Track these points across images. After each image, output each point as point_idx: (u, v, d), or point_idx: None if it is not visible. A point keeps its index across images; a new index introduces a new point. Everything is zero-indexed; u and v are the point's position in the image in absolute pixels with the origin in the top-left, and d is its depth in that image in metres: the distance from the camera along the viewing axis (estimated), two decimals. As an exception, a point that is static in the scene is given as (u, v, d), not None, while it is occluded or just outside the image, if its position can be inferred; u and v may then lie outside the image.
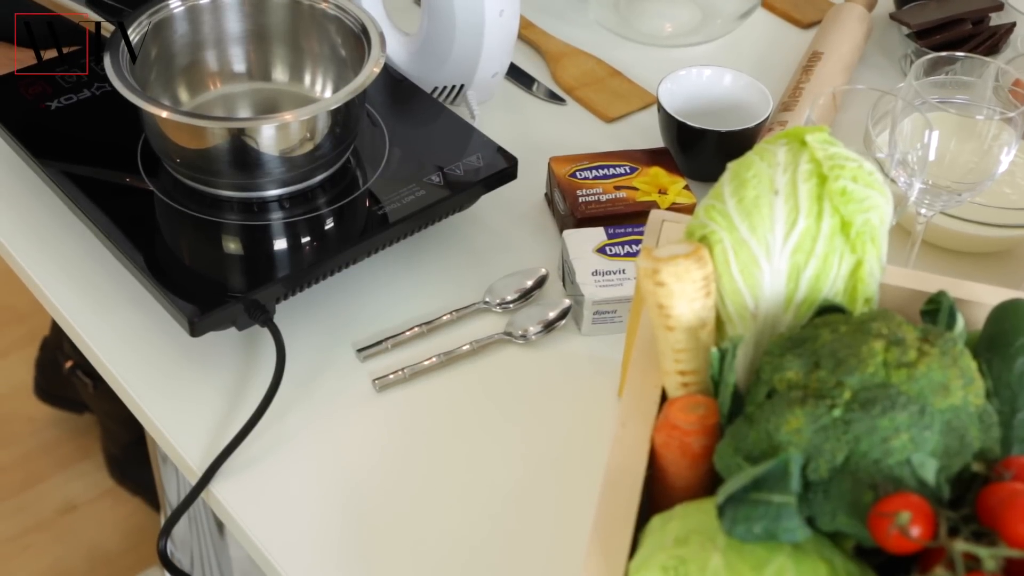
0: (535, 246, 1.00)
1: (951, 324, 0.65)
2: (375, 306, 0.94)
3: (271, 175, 0.91)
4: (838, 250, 0.64)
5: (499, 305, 0.94)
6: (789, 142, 0.66)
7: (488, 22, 1.05)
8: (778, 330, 0.65)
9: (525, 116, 1.15)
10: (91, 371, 1.60)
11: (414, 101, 1.05)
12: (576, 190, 0.99)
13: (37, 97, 1.01)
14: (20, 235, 0.98)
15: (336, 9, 0.99)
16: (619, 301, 0.91)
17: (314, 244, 0.92)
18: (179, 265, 0.91)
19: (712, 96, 1.09)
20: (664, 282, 0.62)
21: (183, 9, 0.98)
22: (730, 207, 0.65)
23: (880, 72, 1.21)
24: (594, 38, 1.25)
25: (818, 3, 1.31)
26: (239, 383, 0.88)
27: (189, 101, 1.00)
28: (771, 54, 1.24)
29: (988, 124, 0.88)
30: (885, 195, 0.66)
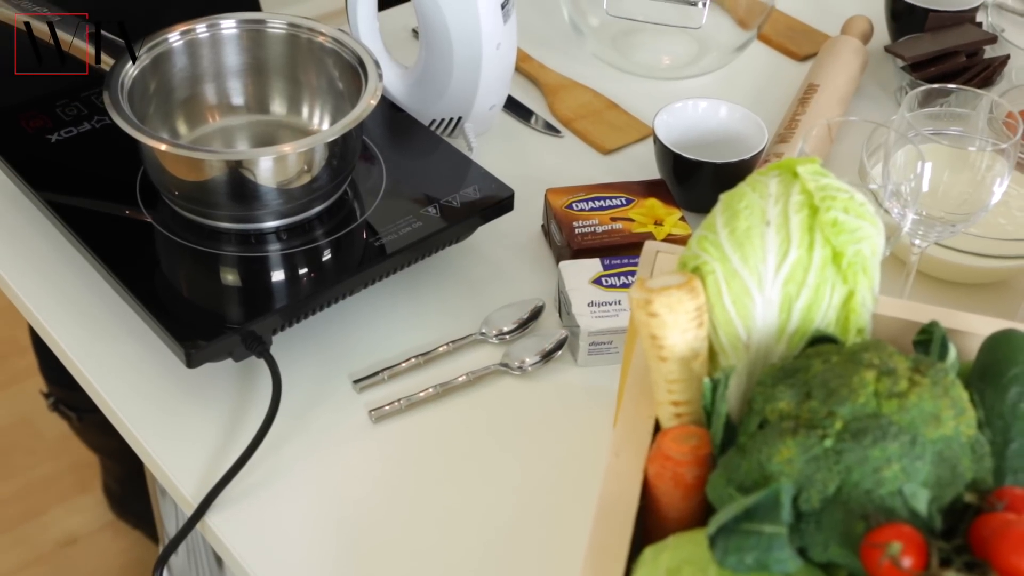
0: (532, 277, 1.00)
1: (943, 354, 0.65)
2: (372, 337, 0.94)
3: (269, 207, 0.92)
4: (830, 281, 0.65)
5: (495, 336, 0.94)
6: (781, 173, 0.67)
7: (485, 55, 1.06)
8: (771, 360, 0.65)
9: (522, 148, 1.16)
10: (74, 404, 1.59)
11: (412, 133, 1.06)
12: (572, 221, 1.00)
13: (38, 130, 1.02)
14: (19, 267, 0.99)
15: (334, 42, 0.99)
16: (615, 332, 0.91)
17: (311, 275, 0.92)
18: (177, 296, 0.91)
19: (708, 128, 1.10)
20: (657, 313, 0.63)
21: (182, 43, 0.99)
22: (722, 238, 0.65)
23: (875, 104, 1.22)
24: (591, 71, 1.26)
25: (814, 36, 1.32)
26: (235, 414, 0.88)
27: (188, 134, 1.01)
28: (767, 86, 1.25)
29: (981, 155, 0.89)
30: (877, 226, 0.66)
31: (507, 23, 1.07)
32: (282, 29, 1.01)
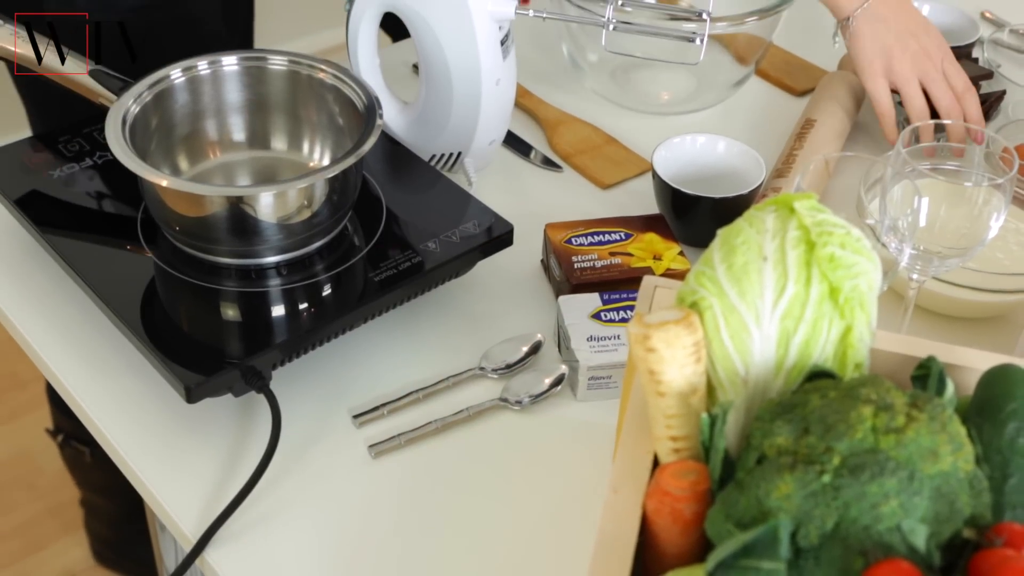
0: (531, 312, 1.01)
1: (941, 389, 0.65)
2: (371, 372, 0.94)
3: (269, 242, 0.92)
4: (827, 316, 0.65)
5: (495, 371, 0.94)
6: (778, 209, 0.67)
7: (485, 91, 1.07)
8: (769, 395, 0.65)
9: (522, 183, 1.16)
10: (86, 439, 1.59)
11: (412, 168, 1.06)
12: (571, 256, 1.00)
13: (40, 166, 1.03)
14: (20, 302, 0.99)
15: (334, 78, 1.00)
16: (614, 367, 0.91)
17: (311, 310, 0.92)
18: (176, 332, 0.91)
19: (706, 163, 1.10)
20: (655, 348, 0.63)
21: (184, 80, 0.99)
22: (720, 273, 0.65)
23: (873, 139, 1.23)
24: (590, 106, 1.26)
25: (811, 71, 1.33)
26: (235, 449, 0.88)
27: (189, 169, 1.02)
28: (765, 121, 1.26)
29: (978, 190, 0.89)
30: (873, 261, 0.66)
31: (506, 59, 1.08)
32: (283, 66, 1.01)
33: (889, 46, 1.13)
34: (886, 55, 1.13)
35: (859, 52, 1.15)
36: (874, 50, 1.13)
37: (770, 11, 1.18)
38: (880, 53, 1.13)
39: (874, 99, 1.16)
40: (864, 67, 1.15)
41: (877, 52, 1.13)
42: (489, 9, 1.03)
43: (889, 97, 1.16)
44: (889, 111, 1.16)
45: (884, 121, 1.16)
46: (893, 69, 1.13)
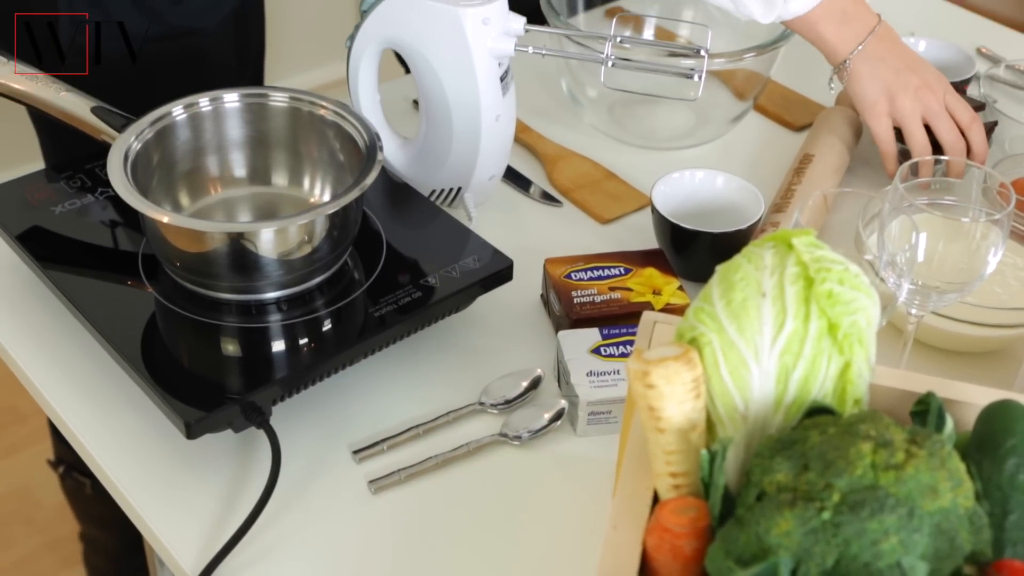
0: (531, 347, 1.01)
1: (940, 425, 0.65)
2: (371, 407, 0.94)
3: (270, 278, 0.92)
4: (826, 352, 0.65)
5: (495, 406, 0.94)
6: (776, 245, 0.68)
7: (485, 127, 1.07)
8: (768, 431, 0.65)
9: (521, 218, 1.17)
10: (87, 471, 1.58)
11: (412, 203, 1.07)
12: (571, 291, 1.00)
13: (42, 202, 1.03)
14: (20, 337, 0.99)
15: (335, 115, 1.01)
16: (613, 402, 0.91)
17: (311, 346, 0.92)
18: (177, 367, 0.92)
19: (705, 198, 1.11)
20: (654, 384, 0.63)
21: (185, 116, 1.00)
22: (719, 309, 0.66)
23: (871, 173, 1.23)
24: (589, 141, 1.27)
25: (809, 106, 1.34)
26: (234, 485, 0.88)
27: (190, 205, 1.02)
28: (763, 156, 1.26)
29: (975, 225, 0.90)
30: (872, 297, 0.67)
31: (506, 95, 1.09)
32: (284, 102, 1.02)
33: (890, 84, 1.13)
34: (888, 93, 1.13)
35: (861, 93, 1.15)
36: (876, 90, 1.14)
37: (768, 47, 1.19)
38: (882, 92, 1.14)
39: (878, 139, 1.16)
40: (867, 108, 1.15)
41: (879, 91, 1.14)
42: (489, 46, 1.04)
43: (892, 136, 1.16)
44: (892, 151, 1.16)
45: (887, 160, 1.16)
46: (896, 106, 1.14)
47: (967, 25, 1.52)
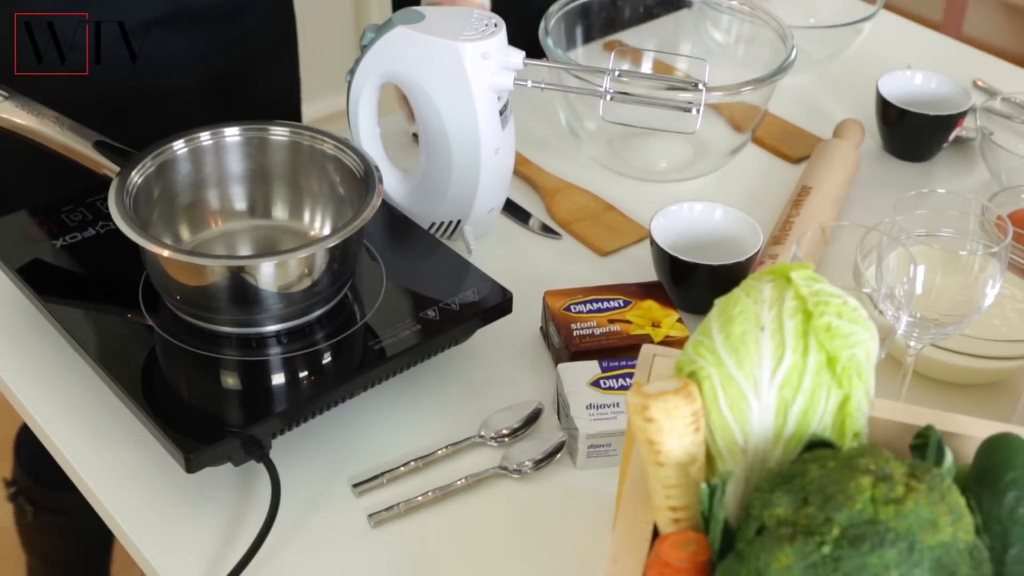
0: (530, 379, 1.01)
1: (939, 459, 0.65)
2: (371, 440, 0.94)
3: (270, 311, 0.93)
4: (825, 385, 0.65)
5: (494, 439, 0.94)
6: (775, 279, 0.68)
7: (484, 160, 1.08)
8: (768, 465, 0.65)
9: (521, 250, 1.17)
10: (38, 500, 1.55)
11: (411, 236, 1.07)
12: (571, 324, 1.01)
13: (43, 236, 1.03)
14: (20, 370, 0.99)
15: (335, 148, 1.01)
16: (613, 435, 0.91)
17: (311, 379, 0.92)
18: (176, 400, 0.92)
19: (704, 230, 1.11)
20: (653, 418, 0.63)
21: (186, 151, 1.00)
22: (717, 343, 0.66)
23: (868, 205, 1.24)
24: (588, 173, 1.28)
25: (807, 139, 1.34)
26: (234, 518, 0.88)
27: (190, 239, 1.02)
28: (761, 188, 1.27)
29: (973, 258, 0.90)
30: (870, 330, 0.67)
31: (505, 128, 1.09)
32: (284, 136, 1.03)
33: None
34: None
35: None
36: None
37: (765, 80, 1.19)
38: None
39: None
40: None
41: None
42: (488, 80, 1.05)
43: None
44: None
45: None
46: None
47: (963, 58, 1.54)
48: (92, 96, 1.11)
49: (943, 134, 1.29)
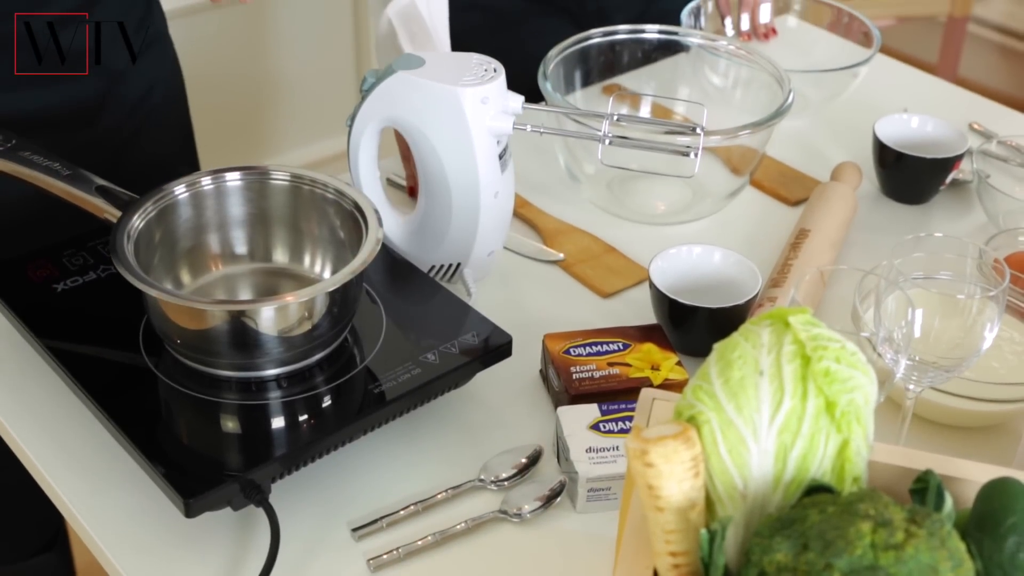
0: (530, 422, 1.01)
1: (939, 504, 0.65)
2: (370, 484, 0.94)
3: (270, 355, 0.93)
4: (824, 430, 0.65)
5: (494, 482, 0.94)
6: (773, 323, 0.68)
7: (484, 203, 1.08)
8: (767, 510, 0.65)
9: (521, 293, 1.17)
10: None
11: (411, 279, 1.07)
12: (570, 367, 1.01)
13: (45, 280, 1.04)
14: (19, 414, 0.99)
15: (335, 193, 1.02)
16: (613, 478, 0.91)
17: (311, 422, 0.92)
18: (176, 444, 0.92)
19: (703, 273, 1.12)
20: (653, 463, 0.63)
21: (187, 195, 1.01)
22: (717, 387, 0.66)
23: (867, 248, 1.24)
24: (588, 216, 1.28)
25: (805, 181, 1.35)
26: (233, 564, 0.87)
27: (191, 283, 1.03)
28: (760, 231, 1.27)
29: (971, 301, 0.90)
30: (869, 375, 0.67)
31: (505, 172, 1.10)
32: (285, 180, 1.03)
33: None
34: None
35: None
36: None
37: (763, 124, 1.20)
38: None
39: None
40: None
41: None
42: (487, 124, 1.06)
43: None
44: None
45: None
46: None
47: (959, 102, 1.55)
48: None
49: (940, 177, 1.30)
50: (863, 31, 1.50)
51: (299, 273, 1.05)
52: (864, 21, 1.50)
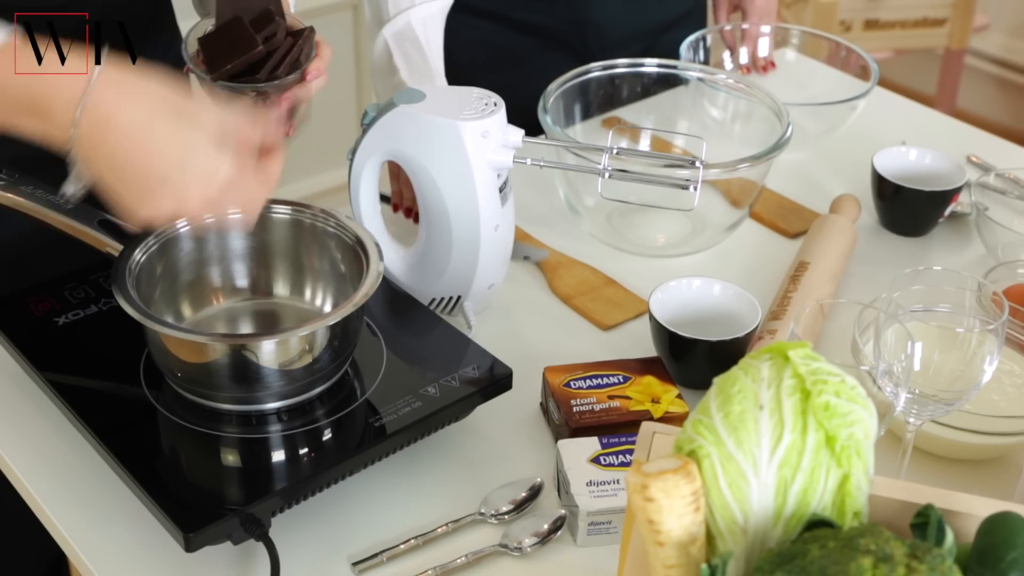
0: (530, 455, 1.01)
1: (940, 538, 0.65)
2: (371, 518, 0.94)
3: (271, 389, 0.93)
4: (824, 464, 0.65)
5: (494, 516, 0.94)
6: (772, 357, 0.68)
7: (484, 237, 1.09)
8: (768, 545, 0.65)
9: (521, 325, 1.18)
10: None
11: (412, 312, 1.08)
12: (570, 400, 1.01)
13: (46, 313, 1.04)
14: (19, 447, 0.99)
15: (336, 226, 1.02)
16: (614, 512, 0.91)
17: (311, 456, 0.92)
18: (176, 478, 0.91)
19: (702, 306, 1.12)
20: (653, 497, 0.63)
21: (189, 229, 1.01)
22: (717, 422, 0.66)
23: (866, 280, 1.24)
24: (588, 248, 1.29)
25: (804, 214, 1.35)
26: (233, 598, 0.87)
27: (192, 316, 1.03)
28: (759, 263, 1.28)
29: (970, 334, 0.90)
30: (869, 409, 0.67)
31: (505, 205, 1.10)
32: (286, 214, 1.04)
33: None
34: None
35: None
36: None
37: (762, 157, 1.21)
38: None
39: None
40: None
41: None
42: (488, 158, 1.06)
43: None
44: None
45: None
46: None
47: (957, 134, 1.55)
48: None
49: (939, 209, 1.30)
50: (861, 64, 1.51)
51: (300, 306, 1.05)
52: (862, 55, 1.51)
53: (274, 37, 0.98)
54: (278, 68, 0.97)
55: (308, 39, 1.00)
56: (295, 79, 0.99)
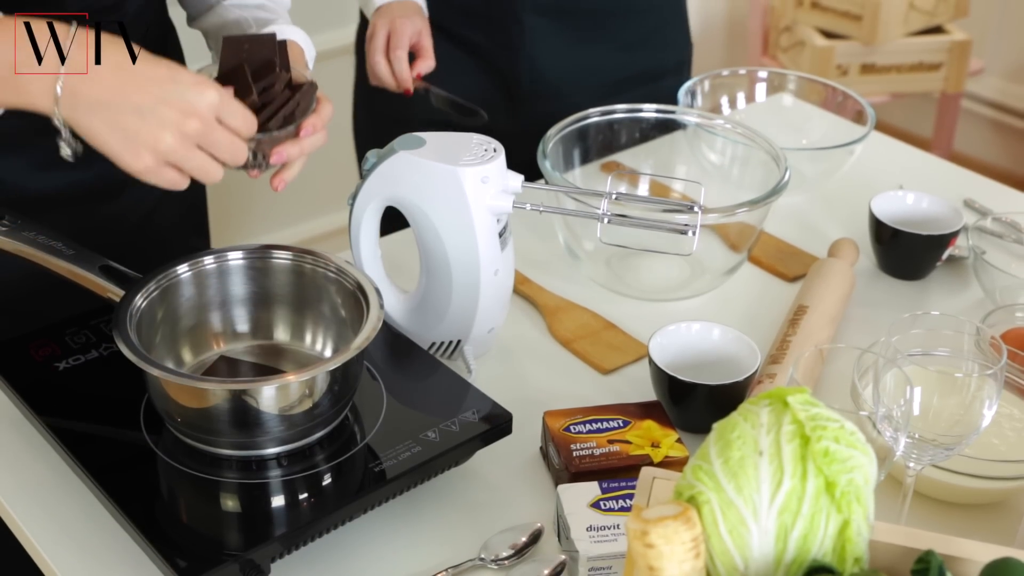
0: (530, 500, 1.00)
1: (941, 584, 0.65)
2: (371, 563, 0.94)
3: (271, 434, 0.93)
4: (824, 510, 0.65)
5: (494, 561, 0.94)
6: (772, 403, 0.69)
7: (484, 281, 1.09)
8: (769, 591, 0.65)
9: (521, 369, 1.18)
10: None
11: (412, 356, 1.08)
12: (570, 444, 1.01)
13: (47, 359, 1.04)
14: (19, 493, 0.99)
15: (336, 271, 1.03)
16: (614, 557, 0.90)
17: (311, 501, 0.92)
18: (176, 524, 0.91)
19: (702, 350, 1.12)
20: (653, 543, 0.63)
21: (190, 274, 1.02)
22: (716, 468, 0.66)
23: (865, 324, 1.24)
24: (588, 292, 1.29)
25: (802, 258, 1.36)
26: (231, 646, 0.87)
27: (193, 361, 1.03)
28: (758, 307, 1.28)
29: (969, 379, 0.91)
30: (868, 455, 0.67)
31: (505, 250, 1.11)
32: (287, 260, 1.04)
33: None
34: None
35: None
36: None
37: (760, 202, 1.21)
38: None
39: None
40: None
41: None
42: (487, 203, 1.07)
43: None
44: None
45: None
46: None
47: (953, 178, 1.56)
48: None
49: (936, 253, 1.31)
50: (857, 109, 1.52)
51: (300, 351, 1.06)
52: (858, 99, 1.52)
53: (271, 88, 0.98)
54: (271, 120, 0.97)
55: (307, 94, 1.00)
56: (288, 133, 0.99)
